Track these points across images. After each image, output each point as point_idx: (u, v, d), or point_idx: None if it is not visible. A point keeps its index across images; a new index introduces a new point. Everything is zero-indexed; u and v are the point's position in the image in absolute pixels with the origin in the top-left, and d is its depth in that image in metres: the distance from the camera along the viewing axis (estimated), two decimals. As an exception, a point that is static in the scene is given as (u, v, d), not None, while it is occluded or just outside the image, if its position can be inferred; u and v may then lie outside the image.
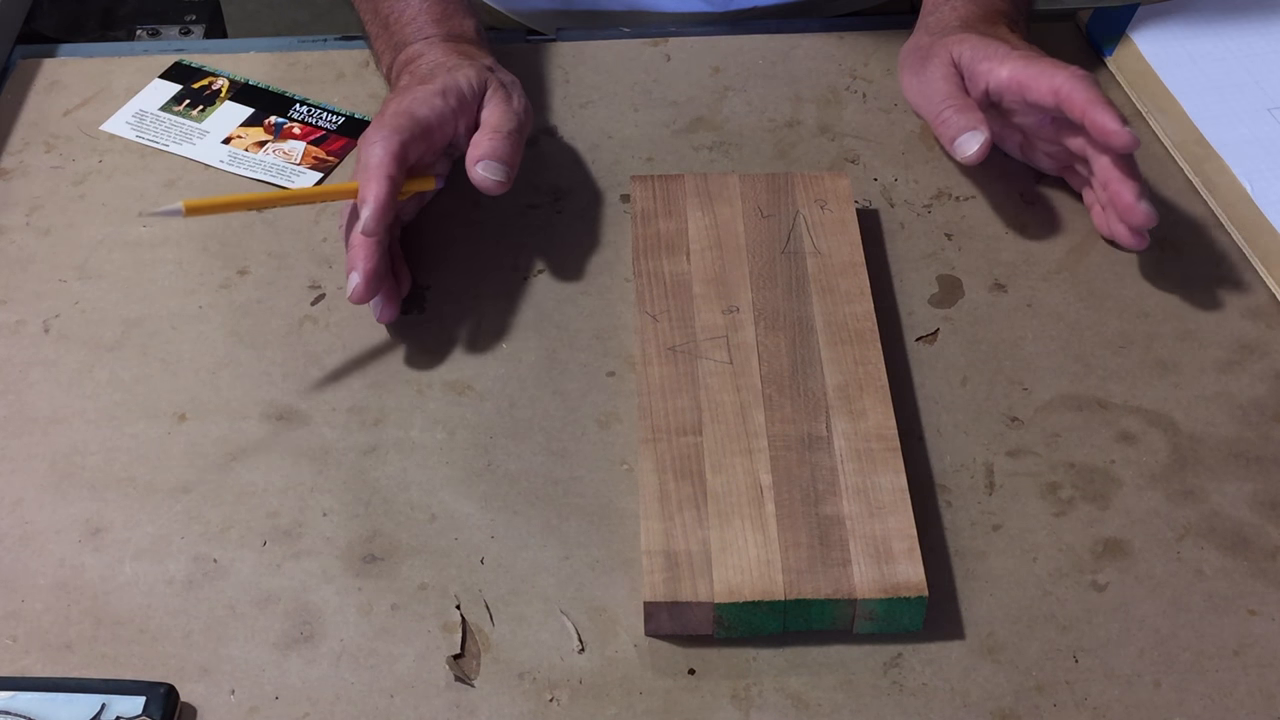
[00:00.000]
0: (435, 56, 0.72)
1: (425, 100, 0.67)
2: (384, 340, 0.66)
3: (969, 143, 0.68)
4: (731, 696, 0.52)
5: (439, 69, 0.70)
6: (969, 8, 0.76)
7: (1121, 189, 0.66)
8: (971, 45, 0.71)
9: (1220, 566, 0.56)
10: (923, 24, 0.77)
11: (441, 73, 0.70)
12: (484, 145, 0.67)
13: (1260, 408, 0.62)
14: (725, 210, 0.69)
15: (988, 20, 0.75)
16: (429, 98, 0.67)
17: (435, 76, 0.69)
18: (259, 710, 0.52)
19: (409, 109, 0.66)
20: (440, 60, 0.71)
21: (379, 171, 0.63)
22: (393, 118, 0.66)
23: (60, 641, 0.54)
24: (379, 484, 0.60)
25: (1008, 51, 0.70)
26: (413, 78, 0.71)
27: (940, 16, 0.76)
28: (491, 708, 0.52)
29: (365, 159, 0.64)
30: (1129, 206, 0.66)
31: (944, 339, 0.66)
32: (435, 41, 0.73)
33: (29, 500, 0.59)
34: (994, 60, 0.70)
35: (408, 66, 0.72)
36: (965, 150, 0.68)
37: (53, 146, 0.77)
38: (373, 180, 0.63)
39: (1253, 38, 0.82)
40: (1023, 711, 0.52)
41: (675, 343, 0.62)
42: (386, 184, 0.63)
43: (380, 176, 0.63)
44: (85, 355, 0.65)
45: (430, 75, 0.70)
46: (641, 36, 0.84)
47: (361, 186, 0.63)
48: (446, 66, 0.70)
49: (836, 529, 0.54)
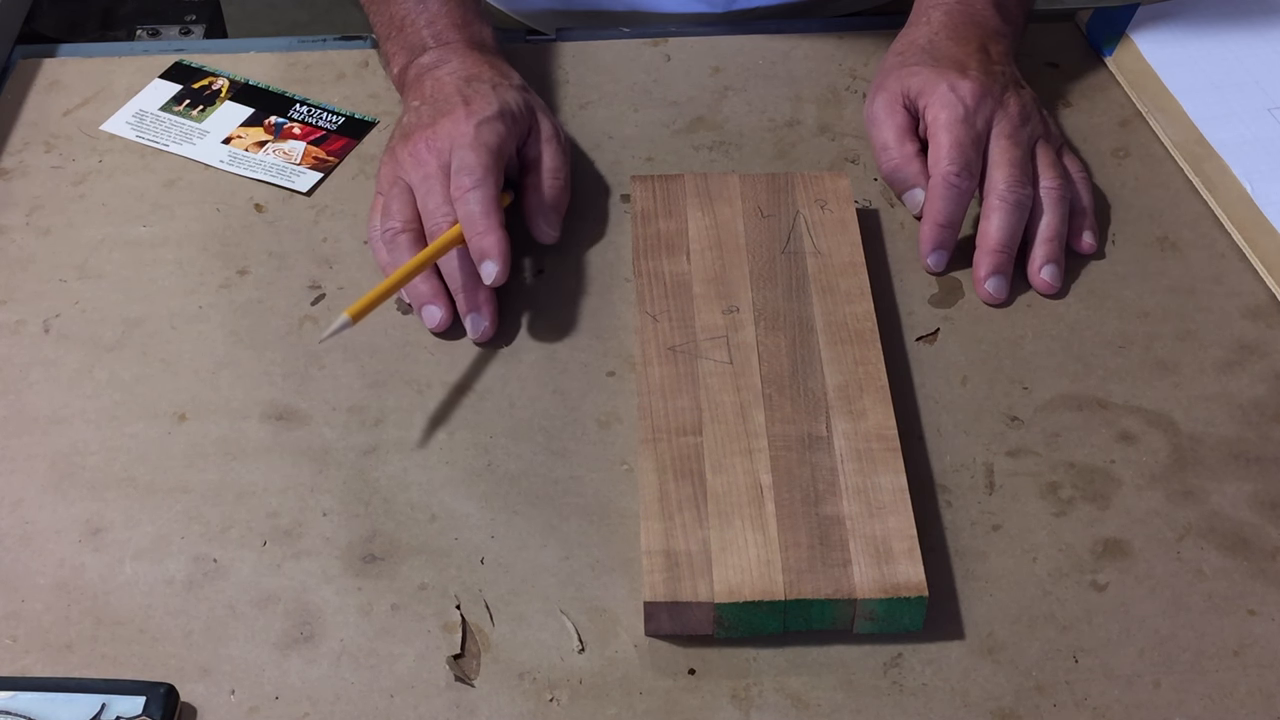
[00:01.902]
0: (464, 66, 0.72)
1: (492, 129, 0.67)
2: (384, 340, 0.66)
3: (910, 200, 0.71)
4: (731, 696, 0.52)
5: (477, 83, 0.70)
6: (943, 21, 0.74)
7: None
8: (920, 80, 0.71)
9: (1220, 566, 0.56)
10: (898, 40, 0.76)
11: (485, 89, 0.70)
12: (547, 193, 0.69)
13: (1260, 408, 0.62)
14: (725, 210, 0.69)
15: (959, 38, 0.73)
16: (493, 124, 0.68)
17: (478, 95, 0.69)
18: (259, 710, 0.52)
19: (485, 143, 0.67)
20: (473, 72, 0.71)
21: (492, 222, 0.64)
22: (476, 152, 0.66)
23: (60, 641, 0.54)
24: (379, 484, 0.60)
25: (944, 94, 0.69)
26: (443, 86, 0.70)
27: (911, 35, 0.75)
28: (491, 708, 0.52)
29: (470, 211, 0.64)
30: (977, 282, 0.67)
31: (944, 339, 0.66)
32: (458, 48, 0.73)
33: (29, 500, 0.59)
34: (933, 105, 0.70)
35: (431, 71, 0.72)
36: (911, 207, 0.71)
37: (53, 146, 0.77)
38: (489, 233, 0.64)
39: (1253, 38, 0.82)
40: (1023, 711, 0.52)
41: (675, 343, 0.62)
42: (503, 234, 0.64)
43: (494, 227, 0.64)
44: (85, 355, 0.65)
45: (471, 92, 0.69)
46: (641, 36, 0.84)
47: (479, 240, 0.64)
48: (485, 81, 0.70)
49: (836, 529, 0.54)
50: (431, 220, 0.66)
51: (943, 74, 0.70)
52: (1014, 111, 0.70)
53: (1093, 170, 0.74)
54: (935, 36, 0.74)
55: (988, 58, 0.73)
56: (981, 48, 0.73)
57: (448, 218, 0.65)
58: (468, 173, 0.66)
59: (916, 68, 0.72)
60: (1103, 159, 0.75)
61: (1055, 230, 0.68)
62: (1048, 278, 0.67)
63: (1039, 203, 0.69)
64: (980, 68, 0.71)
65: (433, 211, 0.66)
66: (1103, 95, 0.80)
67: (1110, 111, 0.78)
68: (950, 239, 0.68)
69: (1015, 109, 0.70)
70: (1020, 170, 0.68)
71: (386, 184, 0.69)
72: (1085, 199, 0.71)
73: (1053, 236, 0.68)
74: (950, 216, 0.68)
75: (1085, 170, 0.72)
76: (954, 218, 0.68)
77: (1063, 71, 0.81)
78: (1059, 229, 0.68)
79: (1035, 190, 0.69)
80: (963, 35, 0.73)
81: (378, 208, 0.69)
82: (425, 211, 0.67)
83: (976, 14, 0.75)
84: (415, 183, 0.67)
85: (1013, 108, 0.70)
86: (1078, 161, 0.73)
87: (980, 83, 0.70)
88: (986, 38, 0.74)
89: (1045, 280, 0.67)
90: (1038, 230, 0.68)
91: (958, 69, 0.71)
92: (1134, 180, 0.74)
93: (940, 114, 0.69)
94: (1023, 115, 0.70)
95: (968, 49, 0.73)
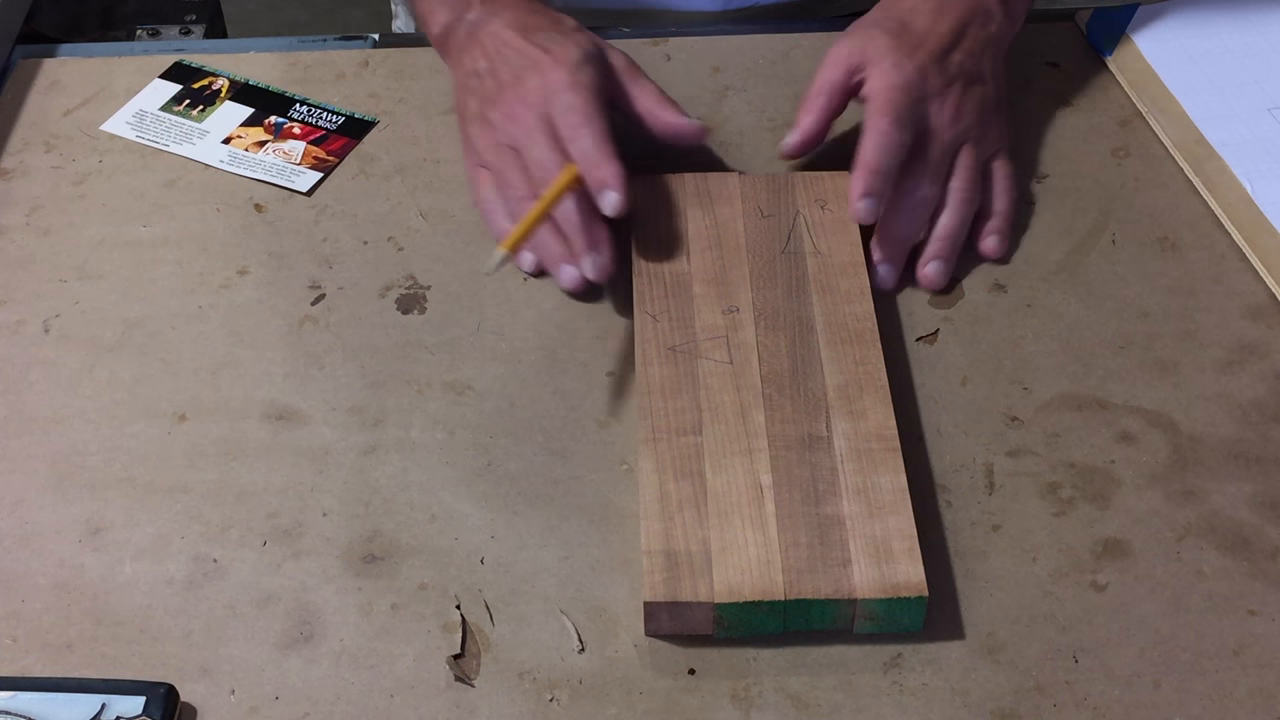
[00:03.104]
0: (518, 17, 0.71)
1: (585, 72, 0.67)
2: (384, 340, 0.66)
3: (788, 137, 0.72)
4: (731, 696, 0.52)
5: (542, 33, 0.70)
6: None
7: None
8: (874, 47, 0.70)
9: (1220, 566, 0.56)
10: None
11: (556, 38, 0.69)
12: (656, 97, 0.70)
13: (1260, 408, 0.62)
14: (725, 210, 0.69)
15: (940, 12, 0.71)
16: (584, 68, 0.67)
17: (554, 44, 0.68)
18: (259, 710, 0.52)
19: (585, 84, 0.66)
20: (530, 21, 0.71)
21: (608, 152, 0.64)
22: (577, 93, 0.66)
23: (60, 641, 0.54)
24: (379, 484, 0.60)
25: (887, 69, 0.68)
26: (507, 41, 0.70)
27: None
28: (491, 708, 0.52)
29: (584, 147, 0.64)
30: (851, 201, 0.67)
31: (944, 339, 0.66)
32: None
33: (29, 500, 0.59)
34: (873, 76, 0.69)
35: (484, 26, 0.71)
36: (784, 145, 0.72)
37: (53, 146, 0.77)
38: (608, 163, 0.64)
39: (1253, 38, 0.82)
40: (1023, 711, 0.52)
41: (675, 343, 0.62)
42: (621, 165, 0.64)
43: (611, 156, 0.64)
44: (85, 355, 0.65)
45: (546, 41, 0.69)
46: (641, 36, 0.84)
47: (597, 171, 0.64)
48: (549, 30, 0.70)
49: (836, 529, 0.54)
50: (539, 169, 0.66)
51: (896, 49, 0.69)
52: (948, 110, 0.69)
53: (1093, 170, 0.74)
54: (920, 5, 0.72)
55: (958, 42, 0.71)
56: (959, 27, 0.71)
57: (557, 164, 0.65)
58: (575, 111, 0.66)
59: (877, 30, 0.70)
60: (1103, 159, 0.75)
61: (949, 230, 0.68)
62: (931, 273, 0.67)
63: (943, 201, 0.69)
64: (938, 54, 0.70)
65: (540, 160, 0.66)
66: (1103, 95, 0.80)
67: (1110, 111, 0.78)
68: (880, 185, 0.66)
69: (950, 108, 0.69)
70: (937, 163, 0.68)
71: (489, 153, 0.69)
72: (1000, 204, 0.70)
73: (945, 236, 0.68)
74: (880, 162, 0.66)
75: (1012, 178, 0.71)
76: (884, 164, 0.66)
77: (1063, 71, 0.81)
78: (954, 230, 0.68)
79: (943, 189, 0.69)
80: (946, 8, 0.72)
81: (483, 180, 0.70)
82: (532, 162, 0.66)
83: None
84: (518, 139, 0.67)
85: (949, 106, 0.69)
86: (1007, 169, 0.72)
87: (925, 71, 0.69)
88: (971, 17, 0.72)
89: (928, 275, 0.67)
90: (934, 228, 0.68)
91: (912, 49, 0.69)
92: (1134, 180, 0.74)
93: (878, 83, 0.69)
94: (956, 115, 0.69)
95: (943, 27, 0.71)
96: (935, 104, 0.69)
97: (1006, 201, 0.71)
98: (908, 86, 0.68)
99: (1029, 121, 0.78)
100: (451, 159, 0.75)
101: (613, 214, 0.64)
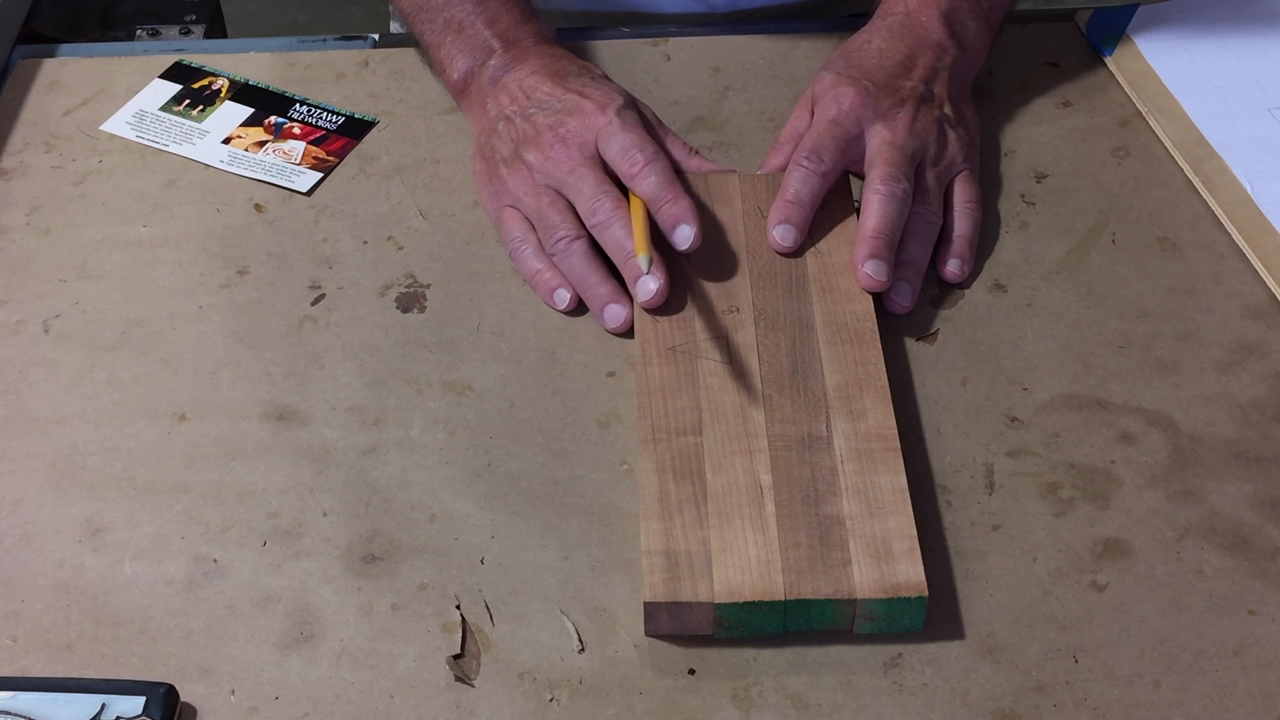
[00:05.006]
0: (544, 63, 0.72)
1: (630, 115, 0.68)
2: (384, 340, 0.66)
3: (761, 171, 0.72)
4: (731, 696, 0.52)
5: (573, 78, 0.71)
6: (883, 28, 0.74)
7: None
8: (822, 84, 0.71)
9: (1220, 566, 0.56)
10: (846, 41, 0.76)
11: (589, 81, 0.71)
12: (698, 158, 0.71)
13: (1260, 408, 0.62)
14: (725, 210, 0.69)
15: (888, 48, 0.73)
16: (628, 110, 0.69)
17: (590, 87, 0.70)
18: (259, 710, 0.52)
19: (635, 124, 0.68)
20: (556, 67, 0.72)
21: (678, 189, 0.65)
22: (631, 132, 0.67)
23: (60, 641, 0.54)
24: (379, 484, 0.60)
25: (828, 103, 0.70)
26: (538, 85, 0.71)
27: (853, 39, 0.75)
28: (491, 708, 0.52)
29: (652, 183, 0.65)
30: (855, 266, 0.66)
31: (944, 339, 0.66)
32: (528, 45, 0.74)
33: (29, 500, 0.59)
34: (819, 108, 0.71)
35: (510, 72, 0.72)
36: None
37: (53, 146, 0.77)
38: (678, 200, 0.65)
39: (1253, 37, 0.82)
40: (1023, 711, 0.52)
41: (675, 343, 0.62)
42: (690, 200, 0.65)
43: (681, 193, 0.65)
44: (85, 355, 0.65)
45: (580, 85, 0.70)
46: (641, 36, 0.84)
47: (669, 208, 0.65)
48: (578, 74, 0.71)
49: (836, 529, 0.54)
50: (589, 203, 0.66)
51: (840, 80, 0.71)
52: (901, 126, 0.69)
53: (1093, 170, 0.74)
54: (869, 43, 0.74)
55: (908, 70, 0.72)
56: (907, 60, 0.72)
57: (613, 197, 0.66)
58: (637, 149, 0.66)
59: (826, 72, 0.72)
60: (1103, 159, 0.75)
61: (910, 255, 0.67)
62: (896, 297, 0.66)
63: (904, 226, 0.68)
64: (883, 82, 0.70)
65: (589, 195, 0.66)
66: (1103, 95, 0.80)
67: (1110, 111, 0.78)
68: (796, 215, 0.66)
69: (903, 125, 0.69)
70: (897, 168, 0.67)
71: (526, 194, 0.68)
72: (962, 228, 0.69)
73: (907, 261, 0.67)
74: (796, 194, 0.67)
75: (976, 202, 0.71)
76: (799, 195, 0.67)
77: (1063, 71, 0.81)
78: (915, 255, 0.67)
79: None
80: (894, 44, 0.73)
81: (512, 220, 0.69)
82: (580, 197, 0.66)
83: (918, 25, 0.74)
84: (561, 179, 0.67)
85: (901, 123, 0.69)
86: (970, 191, 0.71)
87: (868, 94, 0.69)
88: (919, 49, 0.73)
89: (894, 300, 0.66)
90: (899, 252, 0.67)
91: (855, 77, 0.70)
92: (1134, 180, 0.74)
93: (818, 114, 0.70)
94: (911, 132, 0.69)
95: (890, 60, 0.72)
96: (882, 122, 0.69)
97: (968, 224, 0.70)
98: (840, 117, 0.69)
99: (1029, 122, 0.78)
100: (451, 159, 0.75)
101: (686, 248, 0.64)
